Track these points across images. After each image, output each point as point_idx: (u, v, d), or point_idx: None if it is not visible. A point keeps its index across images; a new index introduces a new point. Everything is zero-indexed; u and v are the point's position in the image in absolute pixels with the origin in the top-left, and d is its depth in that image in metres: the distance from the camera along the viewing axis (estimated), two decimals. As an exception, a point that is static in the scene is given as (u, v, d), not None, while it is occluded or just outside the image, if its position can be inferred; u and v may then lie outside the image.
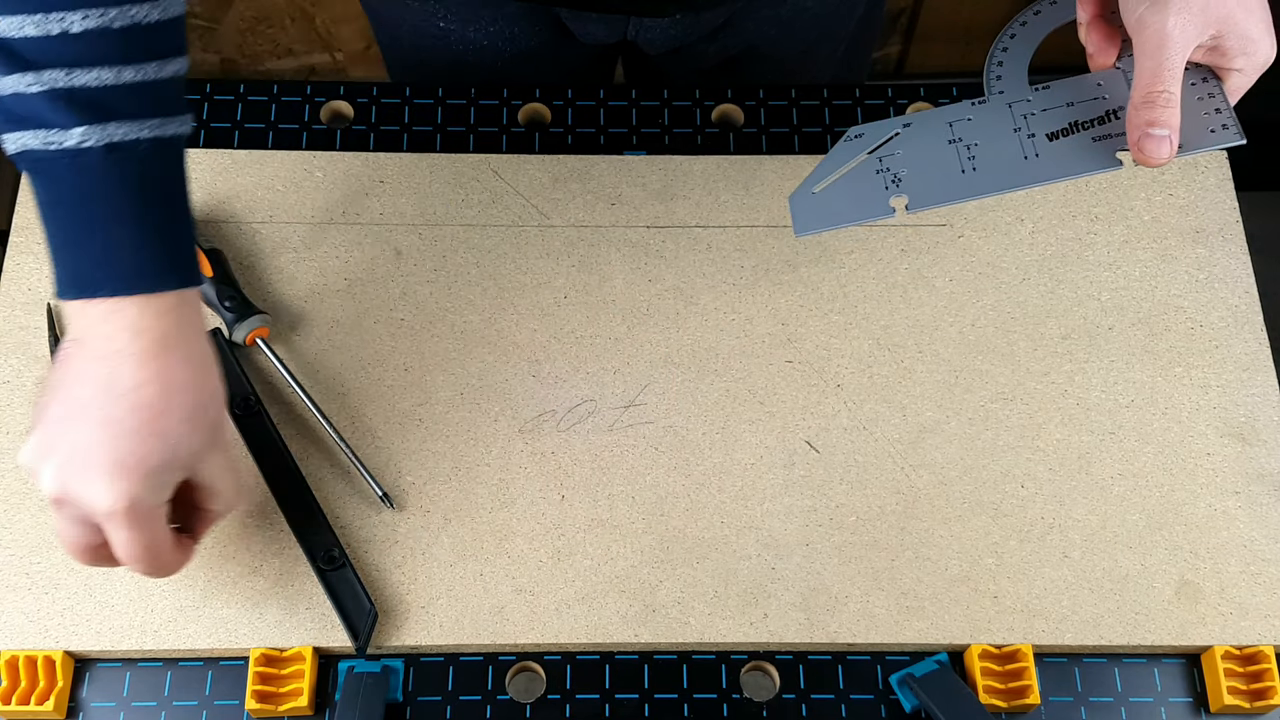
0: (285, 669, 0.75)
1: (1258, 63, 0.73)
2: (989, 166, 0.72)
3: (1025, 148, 0.73)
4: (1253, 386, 0.84)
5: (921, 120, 0.74)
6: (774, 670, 0.77)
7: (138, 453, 0.64)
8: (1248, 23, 0.71)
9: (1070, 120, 0.74)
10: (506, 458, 0.81)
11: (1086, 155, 0.73)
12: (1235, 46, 0.71)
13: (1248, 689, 0.76)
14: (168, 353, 0.65)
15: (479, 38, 0.98)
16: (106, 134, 0.63)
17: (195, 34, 1.81)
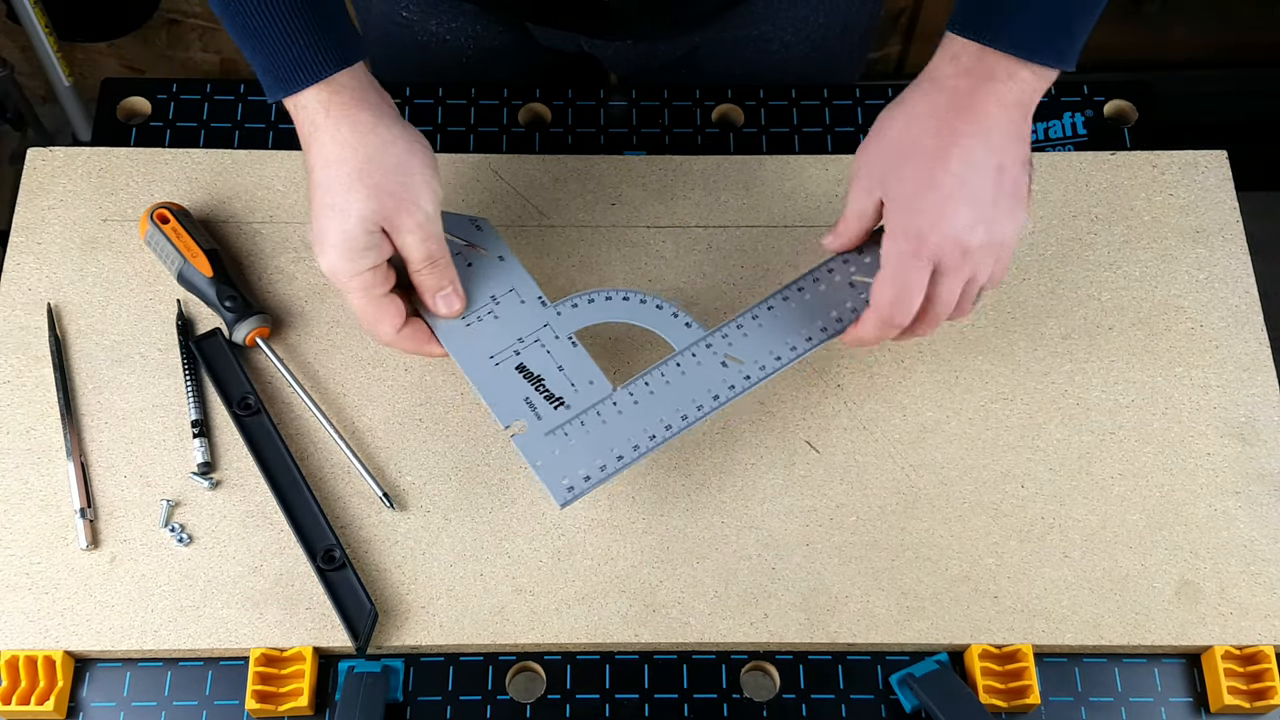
0: (285, 669, 0.75)
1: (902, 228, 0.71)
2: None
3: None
4: (1253, 386, 0.84)
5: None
6: (774, 670, 0.77)
7: (319, 227, 0.72)
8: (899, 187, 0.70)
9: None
10: (506, 458, 0.81)
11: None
12: (887, 205, 0.72)
13: (1248, 689, 0.76)
14: (317, 134, 0.72)
15: (441, 32, 0.98)
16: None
17: (195, 34, 1.81)
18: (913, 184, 0.70)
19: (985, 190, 0.69)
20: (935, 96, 0.70)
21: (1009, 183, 0.70)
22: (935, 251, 0.70)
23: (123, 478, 0.80)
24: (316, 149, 0.72)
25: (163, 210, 0.85)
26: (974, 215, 0.69)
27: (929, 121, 0.70)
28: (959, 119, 0.69)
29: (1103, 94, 0.97)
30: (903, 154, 0.71)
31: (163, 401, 0.82)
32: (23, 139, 1.79)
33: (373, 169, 0.72)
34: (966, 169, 0.69)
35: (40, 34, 1.57)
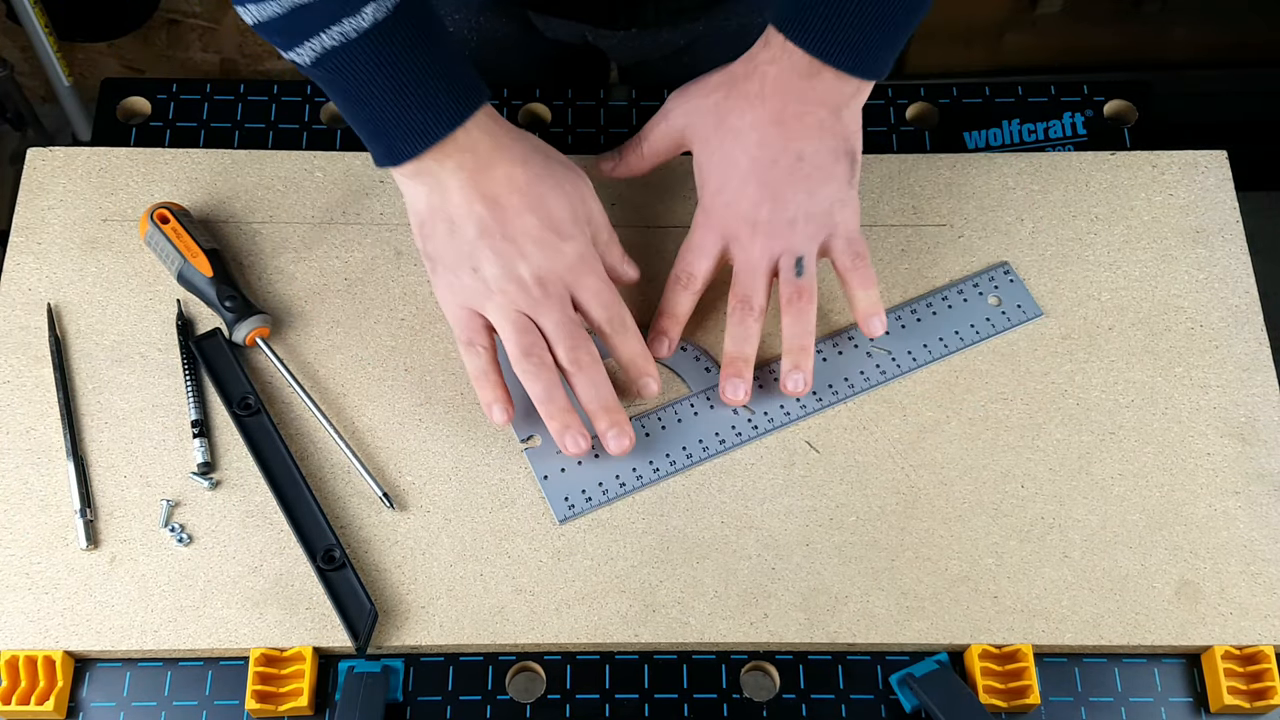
0: (285, 669, 0.75)
1: (700, 199, 0.80)
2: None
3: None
4: (1253, 386, 0.84)
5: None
6: (774, 670, 0.77)
7: (552, 214, 0.75)
8: (705, 157, 0.79)
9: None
10: (506, 458, 0.81)
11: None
12: (694, 170, 0.81)
13: (1248, 689, 0.76)
14: (505, 139, 0.74)
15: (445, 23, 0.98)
16: (387, 0, 0.69)
17: (195, 34, 1.81)
18: (714, 159, 0.79)
19: (773, 173, 0.77)
20: (751, 82, 0.77)
21: (805, 169, 0.77)
22: (723, 224, 0.79)
23: (123, 478, 0.80)
24: (502, 155, 0.74)
25: (163, 210, 0.85)
26: (760, 195, 0.77)
27: (740, 102, 0.77)
28: (764, 106, 0.77)
29: (1103, 94, 0.97)
30: (715, 126, 0.79)
31: (163, 401, 0.82)
32: (23, 139, 1.79)
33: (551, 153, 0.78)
34: (761, 153, 0.77)
35: (40, 34, 1.57)
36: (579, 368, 0.76)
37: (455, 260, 0.76)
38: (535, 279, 0.75)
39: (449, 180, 0.74)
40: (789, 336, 0.80)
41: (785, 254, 0.79)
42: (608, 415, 0.77)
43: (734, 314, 0.80)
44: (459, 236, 0.75)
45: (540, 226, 0.75)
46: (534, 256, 0.75)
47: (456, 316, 0.78)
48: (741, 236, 0.79)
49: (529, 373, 0.76)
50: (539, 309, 0.75)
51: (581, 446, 0.77)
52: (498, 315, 0.76)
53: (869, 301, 0.81)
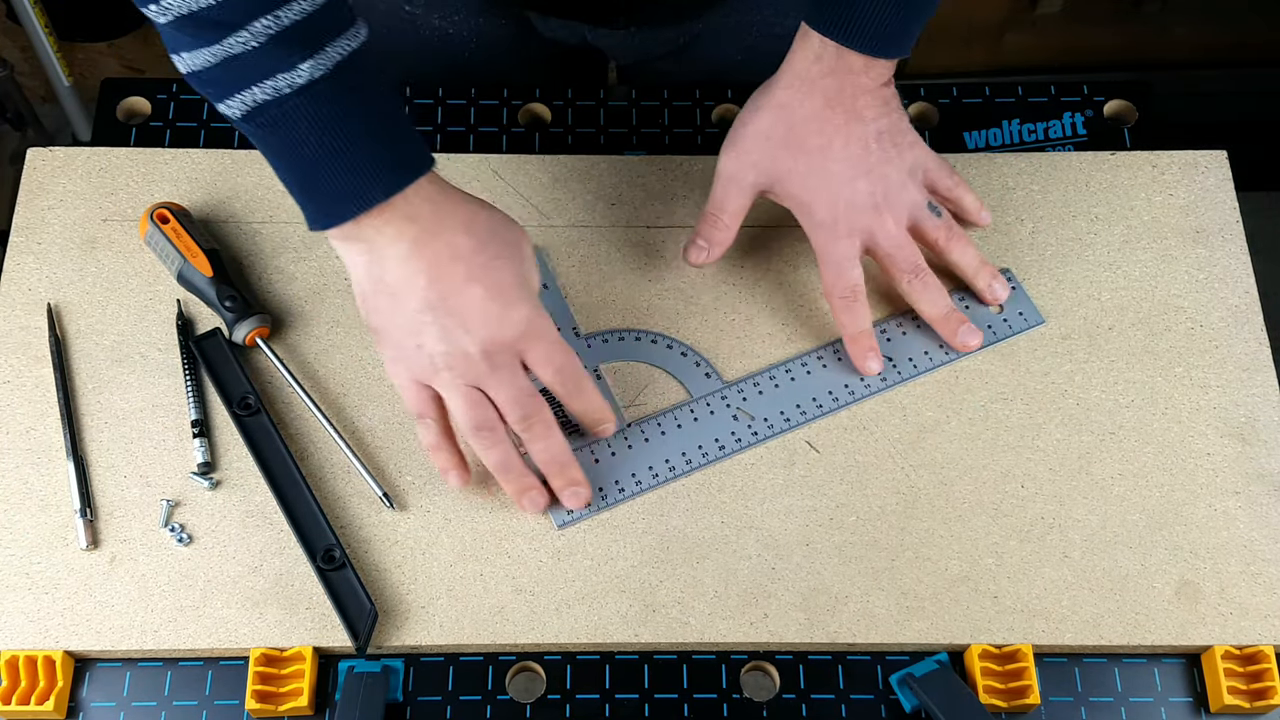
0: (285, 669, 0.75)
1: (815, 223, 0.81)
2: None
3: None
4: (1253, 386, 0.84)
5: None
6: (774, 670, 0.77)
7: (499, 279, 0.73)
8: (799, 188, 0.81)
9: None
10: (506, 458, 0.81)
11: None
12: (790, 206, 0.82)
13: (1248, 689, 0.76)
14: (451, 203, 0.73)
15: (444, 25, 0.98)
16: (327, 58, 0.67)
17: (195, 34, 1.81)
18: (812, 180, 0.80)
19: (871, 157, 0.80)
20: (810, 100, 0.79)
21: (887, 139, 0.80)
22: (851, 223, 0.80)
23: (123, 478, 0.80)
24: (444, 223, 0.72)
25: (163, 210, 0.85)
26: (868, 180, 0.80)
27: (811, 124, 0.79)
28: (834, 114, 0.79)
29: (1103, 94, 0.97)
30: (793, 156, 0.80)
31: (163, 401, 0.82)
32: (23, 139, 1.79)
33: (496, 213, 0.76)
34: (851, 149, 0.80)
35: (40, 34, 1.57)
36: (533, 436, 0.76)
37: (400, 335, 0.74)
38: (482, 352, 0.73)
39: (387, 250, 0.71)
40: (968, 265, 0.84)
41: (915, 208, 0.82)
42: (563, 474, 0.78)
43: (912, 285, 0.82)
44: (401, 311, 0.73)
45: (485, 296, 0.73)
46: (479, 329, 0.73)
47: (406, 390, 0.76)
48: (873, 225, 0.81)
49: (483, 446, 0.75)
50: (487, 382, 0.74)
51: (540, 505, 0.78)
52: (447, 390, 0.74)
53: (975, 201, 0.86)
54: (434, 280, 0.72)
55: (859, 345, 0.83)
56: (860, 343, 0.83)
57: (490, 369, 0.74)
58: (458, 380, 0.74)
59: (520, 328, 0.74)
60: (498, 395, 0.75)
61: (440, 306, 0.72)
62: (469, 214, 0.74)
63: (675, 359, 0.84)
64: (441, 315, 0.72)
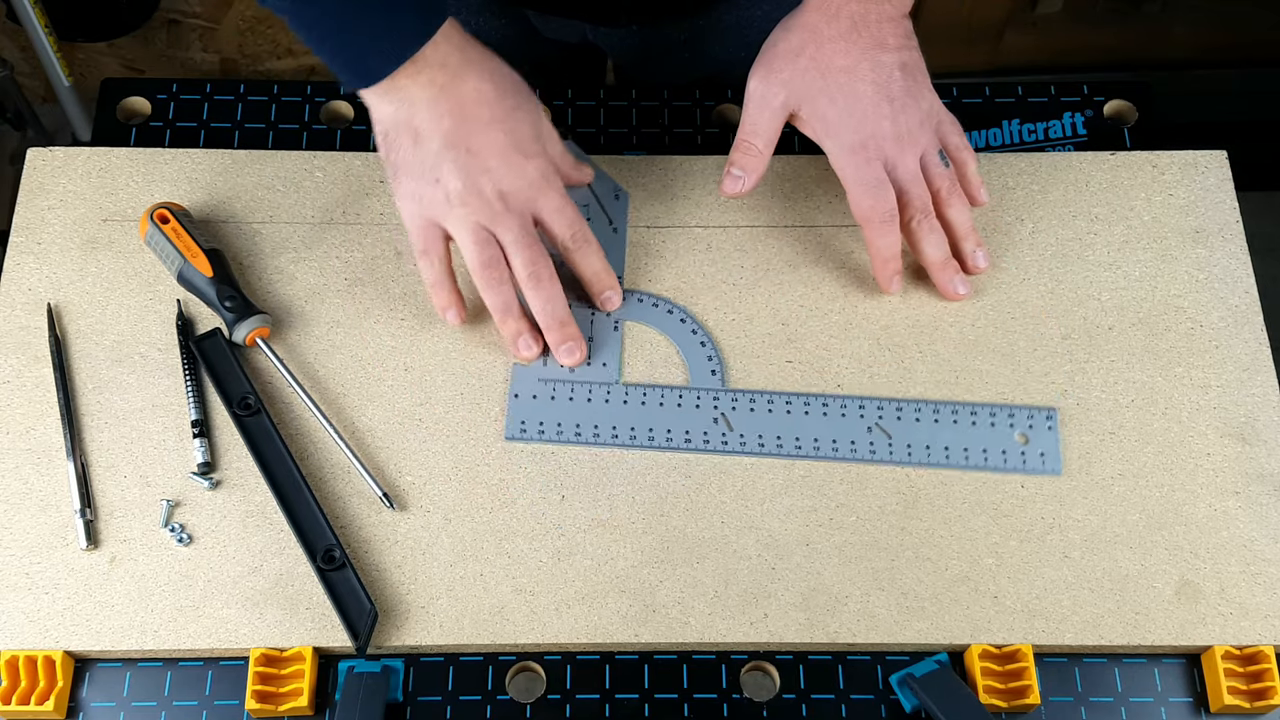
0: (285, 669, 0.75)
1: (843, 145, 0.81)
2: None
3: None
4: (1253, 386, 0.84)
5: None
6: (774, 670, 0.77)
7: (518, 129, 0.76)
8: (828, 107, 0.81)
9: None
10: (506, 458, 0.81)
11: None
12: (816, 128, 0.82)
13: (1248, 689, 0.76)
14: (473, 53, 0.75)
15: None
16: None
17: (195, 34, 1.81)
18: (841, 100, 0.80)
19: (895, 86, 0.81)
20: (837, 22, 0.80)
21: (910, 73, 0.82)
22: (879, 149, 0.81)
23: (123, 478, 0.80)
24: (472, 69, 0.75)
25: (163, 210, 0.85)
26: (892, 108, 0.81)
27: (838, 44, 0.80)
28: (861, 37, 0.80)
29: (1103, 94, 0.97)
30: (822, 75, 0.80)
31: (163, 401, 0.82)
32: (23, 139, 1.79)
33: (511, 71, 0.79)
34: (878, 74, 0.80)
35: (40, 34, 1.57)
36: (536, 282, 0.78)
37: (418, 170, 0.76)
38: (498, 193, 0.76)
39: (418, 95, 0.75)
40: (960, 223, 0.84)
41: (928, 152, 0.82)
42: (561, 330, 0.80)
43: (920, 226, 0.83)
44: (424, 148, 0.76)
45: (506, 142, 0.76)
46: (498, 171, 0.76)
47: (415, 225, 0.79)
48: (894, 154, 0.81)
49: (488, 285, 0.78)
50: (499, 223, 0.77)
51: (534, 350, 0.81)
52: (458, 227, 0.77)
53: (977, 174, 0.85)
54: (459, 122, 0.75)
55: (889, 268, 0.84)
56: (890, 265, 0.84)
57: (503, 209, 0.76)
58: (470, 217, 0.76)
59: (536, 177, 0.77)
60: (506, 237, 0.77)
61: (462, 145, 0.75)
62: (492, 63, 0.77)
63: (693, 345, 0.84)
64: (462, 154, 0.75)
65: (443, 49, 0.74)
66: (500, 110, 0.76)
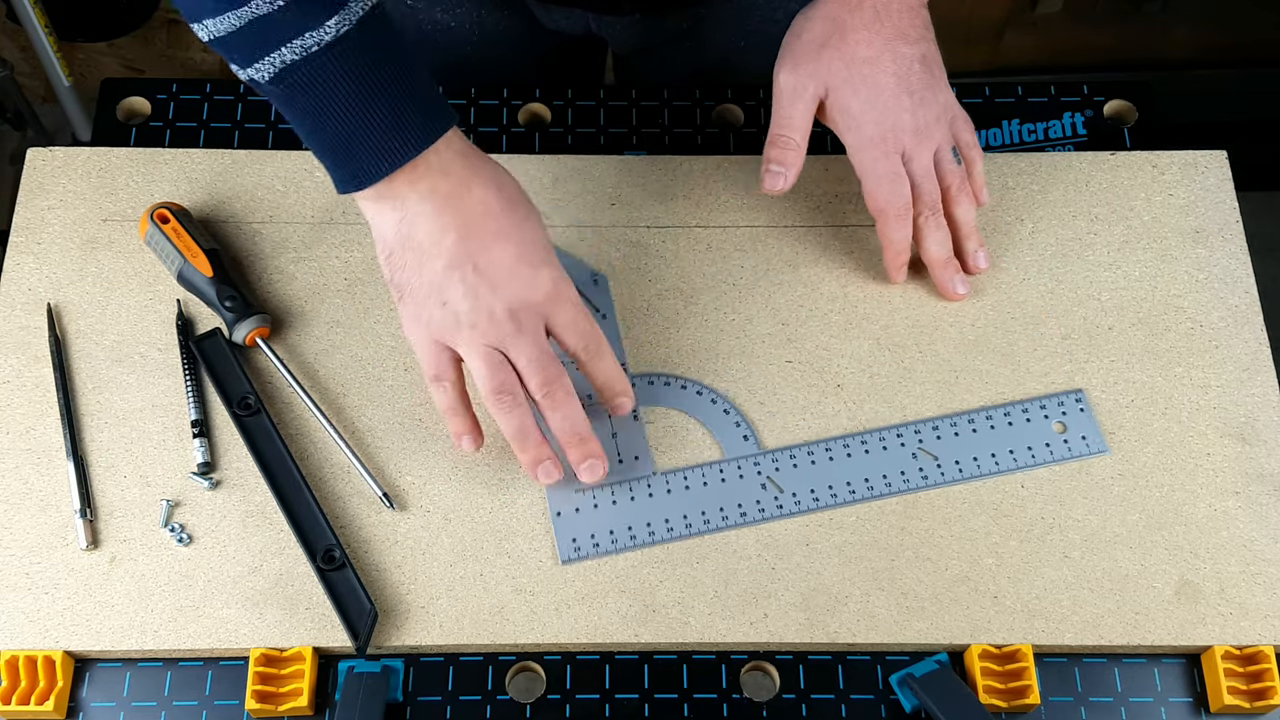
0: (285, 669, 0.75)
1: (865, 138, 0.81)
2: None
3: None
4: (1253, 386, 0.84)
5: None
6: (774, 670, 0.77)
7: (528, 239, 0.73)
8: (851, 98, 0.81)
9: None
10: (506, 458, 0.81)
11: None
12: (837, 119, 0.82)
13: (1248, 689, 0.76)
14: (476, 163, 0.72)
15: (446, 19, 0.98)
16: (351, 13, 0.66)
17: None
18: (864, 92, 0.80)
19: (915, 79, 0.81)
20: (860, 12, 0.80)
21: (929, 66, 0.82)
22: (897, 141, 0.81)
23: (123, 478, 0.80)
24: (477, 178, 0.72)
25: (163, 210, 0.85)
26: (912, 101, 0.81)
27: (861, 34, 0.80)
28: (883, 27, 0.80)
29: (1103, 94, 0.97)
30: (847, 66, 0.80)
31: (163, 401, 0.82)
32: (23, 139, 1.79)
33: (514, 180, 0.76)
34: (899, 66, 0.80)
35: (40, 34, 1.57)
36: (553, 403, 0.74)
37: (424, 292, 0.72)
38: (508, 312, 0.72)
39: (418, 206, 0.71)
40: (965, 222, 0.85)
41: (941, 147, 0.82)
42: (582, 447, 0.76)
43: (927, 222, 0.83)
44: (428, 268, 0.72)
45: (514, 256, 0.72)
46: (507, 289, 0.72)
47: (424, 350, 0.74)
48: (911, 147, 0.81)
49: (502, 410, 0.74)
50: (511, 343, 0.73)
51: (554, 476, 0.76)
52: (468, 350, 0.73)
53: (982, 174, 0.85)
54: (464, 237, 0.71)
55: (900, 259, 0.84)
56: (901, 257, 0.84)
57: (515, 330, 0.72)
58: (480, 340, 0.73)
59: (548, 289, 0.73)
60: (520, 358, 0.73)
61: (468, 264, 0.72)
62: (496, 172, 0.74)
63: (717, 415, 0.82)
64: (469, 273, 0.72)
65: (444, 155, 0.71)
66: (508, 222, 0.72)
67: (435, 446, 0.81)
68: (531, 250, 0.73)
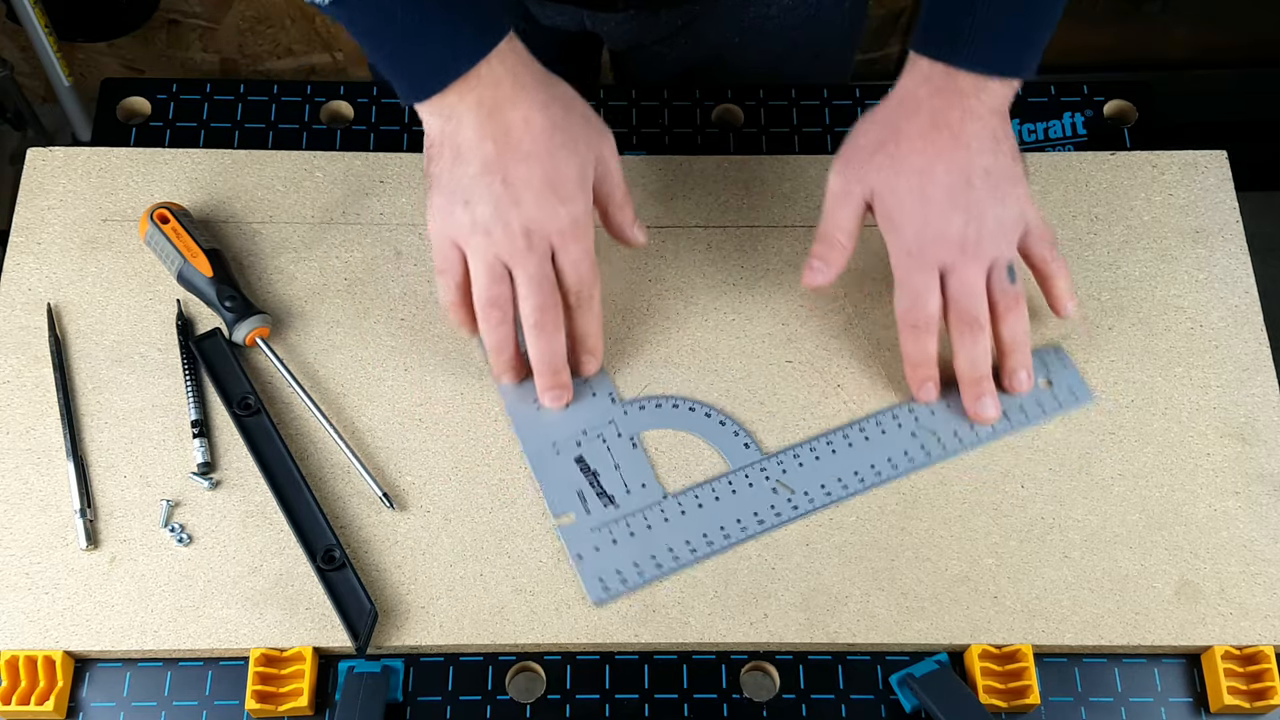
0: (285, 669, 0.75)
1: (903, 247, 0.78)
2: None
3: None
4: (1253, 386, 0.84)
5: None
6: (774, 670, 0.77)
7: (559, 171, 0.74)
8: (895, 207, 0.77)
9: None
10: (506, 458, 0.81)
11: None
12: (883, 224, 0.79)
13: (1248, 689, 0.76)
14: (526, 81, 0.73)
15: None
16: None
17: (195, 34, 1.81)
18: (909, 202, 0.77)
19: (971, 193, 0.76)
20: (917, 118, 0.76)
21: (993, 180, 0.76)
22: (936, 256, 0.77)
23: (123, 478, 0.80)
24: (524, 93, 0.73)
25: (163, 210, 0.85)
26: (964, 217, 0.76)
27: (915, 142, 0.76)
28: (939, 136, 0.76)
29: (1103, 94, 0.97)
30: (896, 174, 0.77)
31: (163, 401, 0.82)
32: (23, 139, 1.79)
33: (573, 105, 0.77)
34: (952, 178, 0.76)
35: (40, 34, 1.57)
36: (540, 329, 0.77)
37: (451, 189, 0.75)
38: (523, 230, 0.74)
39: (466, 114, 0.73)
40: (1009, 339, 0.80)
41: (996, 266, 0.78)
42: (554, 376, 0.79)
43: (963, 337, 0.79)
44: (461, 168, 0.74)
45: (543, 180, 0.74)
46: (528, 207, 0.74)
47: (438, 243, 0.77)
48: (955, 263, 0.77)
49: (488, 322, 0.77)
50: (517, 261, 0.75)
51: (513, 379, 0.81)
52: (475, 255, 0.76)
53: (1067, 287, 0.81)
54: (502, 149, 0.74)
55: (919, 373, 0.81)
56: (921, 370, 0.81)
57: (525, 248, 0.75)
58: (490, 249, 0.75)
59: (565, 223, 0.75)
60: (521, 276, 0.75)
61: (499, 174, 0.74)
62: (550, 92, 0.75)
63: (714, 428, 0.82)
64: (497, 182, 0.74)
65: (496, 70, 0.73)
66: (546, 145, 0.74)
67: (435, 446, 0.81)
68: (562, 179, 0.75)
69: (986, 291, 0.78)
